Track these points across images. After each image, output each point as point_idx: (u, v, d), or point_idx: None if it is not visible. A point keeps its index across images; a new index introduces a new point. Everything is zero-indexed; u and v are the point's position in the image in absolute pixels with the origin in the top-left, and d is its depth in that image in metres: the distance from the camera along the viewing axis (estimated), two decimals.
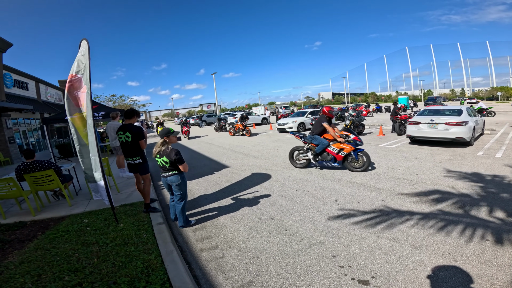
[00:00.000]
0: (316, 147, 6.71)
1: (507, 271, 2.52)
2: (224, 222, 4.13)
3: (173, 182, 3.83)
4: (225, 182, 6.36)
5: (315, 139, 6.70)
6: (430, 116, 9.19)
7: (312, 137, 6.78)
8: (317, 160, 6.77)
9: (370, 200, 4.56)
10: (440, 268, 2.63)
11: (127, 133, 4.38)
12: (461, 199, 4.35)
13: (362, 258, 2.89)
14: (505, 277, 2.44)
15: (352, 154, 6.42)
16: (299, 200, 4.83)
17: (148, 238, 3.57)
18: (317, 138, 6.68)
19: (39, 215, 4.80)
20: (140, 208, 4.64)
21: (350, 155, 6.44)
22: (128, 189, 6.08)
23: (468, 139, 8.30)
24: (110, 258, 3.08)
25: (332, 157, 6.54)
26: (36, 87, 18.59)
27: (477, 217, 3.66)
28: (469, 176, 5.48)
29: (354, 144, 6.37)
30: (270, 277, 2.68)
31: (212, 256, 3.18)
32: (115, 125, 6.85)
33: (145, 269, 2.84)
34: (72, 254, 3.25)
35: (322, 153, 6.68)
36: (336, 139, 6.44)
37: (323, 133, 6.76)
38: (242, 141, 14.05)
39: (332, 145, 6.52)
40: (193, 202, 5.16)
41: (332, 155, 6.52)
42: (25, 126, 16.12)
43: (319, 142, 6.61)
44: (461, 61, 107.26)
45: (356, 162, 6.41)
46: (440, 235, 3.26)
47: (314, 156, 6.80)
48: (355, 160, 6.41)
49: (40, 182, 4.98)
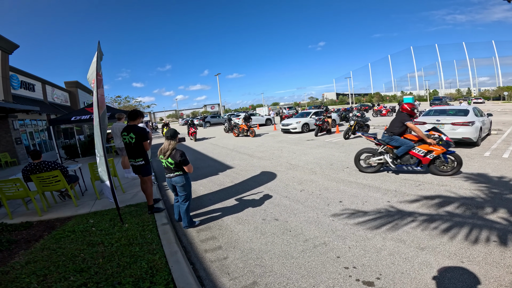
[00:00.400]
0: (395, 148, 6.07)
1: None
2: (228, 222, 4.13)
3: (177, 183, 3.85)
4: (229, 183, 6.37)
5: (395, 140, 6.03)
6: (436, 116, 9.09)
7: (390, 137, 6.10)
8: (396, 164, 6.13)
9: (375, 201, 4.52)
10: (446, 269, 2.60)
11: (131, 134, 4.39)
12: (468, 200, 4.29)
13: (367, 259, 2.86)
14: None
15: (442, 157, 5.71)
16: (303, 201, 4.81)
17: (153, 238, 3.58)
18: (398, 139, 6.01)
19: (46, 215, 4.86)
20: (145, 209, 4.66)
21: (439, 157, 5.74)
22: (133, 190, 6.12)
23: (475, 140, 8.19)
24: (115, 259, 3.10)
25: (416, 160, 5.91)
26: (43, 89, 18.85)
27: (484, 218, 3.61)
28: (476, 177, 5.41)
29: (446, 145, 5.64)
30: (274, 278, 2.67)
31: (216, 257, 3.19)
32: (120, 126, 6.91)
33: (150, 269, 2.85)
34: (77, 254, 3.27)
35: (405, 155, 6.03)
36: (425, 140, 5.74)
37: (403, 133, 6.12)
38: (246, 142, 14.06)
39: (417, 146, 5.87)
40: (197, 203, 5.17)
41: (418, 158, 5.81)
42: (32, 127, 16.34)
43: (402, 143, 5.95)
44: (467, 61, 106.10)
45: (445, 166, 5.74)
46: (446, 236, 3.22)
47: (393, 159, 6.11)
48: (445, 163, 5.73)
49: (47, 183, 5.03)
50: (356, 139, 11.85)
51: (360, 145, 10.31)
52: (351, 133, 12.30)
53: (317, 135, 14.08)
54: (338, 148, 9.92)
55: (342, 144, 10.91)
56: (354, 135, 12.70)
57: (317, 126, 14.28)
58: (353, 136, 12.69)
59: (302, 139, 13.46)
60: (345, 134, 12.15)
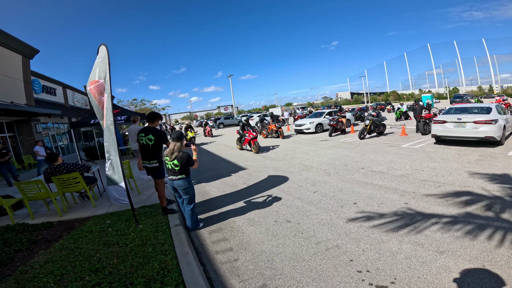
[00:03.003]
0: None
1: None
2: (240, 224, 4.12)
3: (180, 186, 3.89)
4: (241, 184, 6.37)
5: None
6: (457, 115, 8.70)
7: None
8: None
9: (392, 203, 4.38)
10: (466, 273, 2.47)
11: (150, 136, 4.38)
12: (491, 201, 4.07)
13: (381, 263, 2.77)
14: None
15: None
16: (316, 202, 4.73)
17: (166, 239, 3.63)
18: None
19: (66, 216, 5.03)
20: (159, 210, 4.73)
21: None
22: (148, 191, 6.24)
23: (499, 138, 7.79)
24: (128, 259, 3.15)
25: None
26: (64, 93, 19.63)
27: (508, 221, 3.41)
28: (500, 178, 5.13)
29: None
30: (284, 281, 2.63)
31: (226, 259, 3.18)
32: (136, 128, 7.07)
33: (161, 270, 2.88)
34: (94, 254, 3.36)
35: None
36: None
37: None
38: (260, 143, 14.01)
39: None
40: (210, 204, 5.20)
41: None
42: (54, 130, 17.05)
43: None
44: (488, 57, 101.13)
45: None
46: (467, 239, 3.06)
47: None
48: None
49: (67, 184, 5.21)
50: (371, 139, 11.57)
51: (376, 145, 10.06)
52: (366, 133, 12.02)
53: (331, 135, 13.86)
54: (353, 149, 9.71)
55: (357, 144, 10.68)
56: (369, 135, 12.40)
57: (331, 126, 14.05)
58: (369, 136, 12.40)
59: (315, 139, 13.29)
60: (360, 134, 11.89)
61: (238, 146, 12.27)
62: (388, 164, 6.98)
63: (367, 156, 8.24)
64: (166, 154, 3.89)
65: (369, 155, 8.39)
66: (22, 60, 13.45)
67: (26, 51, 13.63)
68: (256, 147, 10.76)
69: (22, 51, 13.31)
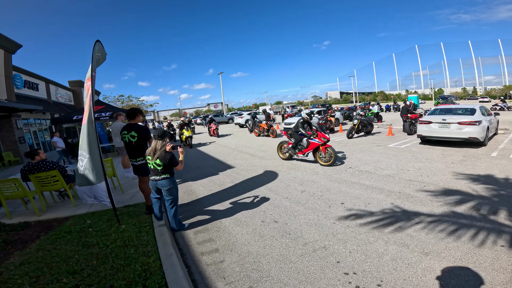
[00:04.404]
0: None
1: None
2: (226, 224, 4.04)
3: (163, 186, 3.70)
4: (229, 183, 6.28)
5: None
6: (442, 116, 8.88)
7: None
8: None
9: (378, 203, 4.40)
10: (451, 275, 2.48)
11: (132, 133, 4.27)
12: (475, 202, 4.15)
13: (368, 264, 2.75)
14: None
15: None
16: (304, 202, 4.70)
17: (149, 240, 3.51)
18: None
19: (44, 215, 4.82)
20: (143, 209, 4.60)
21: None
22: (132, 190, 6.06)
23: (482, 139, 8.00)
24: (109, 260, 3.03)
25: None
26: (46, 88, 18.92)
27: (492, 221, 3.47)
28: (483, 178, 5.25)
29: None
30: (270, 284, 2.58)
31: (212, 260, 3.10)
32: (120, 125, 6.85)
33: (143, 272, 2.78)
34: (72, 255, 3.22)
35: None
36: None
37: None
38: (248, 141, 13.97)
39: None
40: (196, 204, 5.10)
41: None
42: (36, 126, 16.42)
43: None
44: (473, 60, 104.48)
45: None
46: (451, 240, 3.09)
47: None
48: None
49: (45, 183, 4.99)
50: (359, 139, 11.68)
51: (363, 144, 10.16)
52: (354, 132, 12.13)
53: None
54: (341, 148, 9.76)
55: (345, 143, 10.76)
56: (357, 134, 12.52)
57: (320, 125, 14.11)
58: (357, 135, 12.52)
59: None
60: (348, 133, 11.99)
61: (282, 155, 8.44)
62: (375, 163, 7.04)
63: (354, 155, 8.30)
64: (148, 153, 3.71)
65: (356, 154, 8.45)
66: (4, 54, 12.92)
67: (9, 45, 13.12)
68: (327, 157, 7.15)
69: (4, 45, 12.81)
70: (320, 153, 7.27)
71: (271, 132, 14.78)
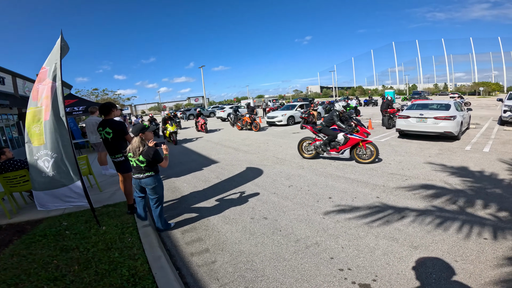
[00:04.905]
0: None
1: (508, 270, 2.46)
2: (214, 222, 3.93)
3: (148, 184, 3.50)
4: (214, 179, 6.15)
5: None
6: (419, 110, 9.22)
7: None
8: None
9: (365, 197, 4.47)
10: (442, 269, 2.55)
11: (107, 129, 4.10)
12: (455, 195, 4.32)
13: (361, 259, 2.77)
14: (506, 276, 2.38)
15: None
16: (292, 197, 4.69)
17: (133, 242, 3.34)
18: None
19: (15, 218, 4.47)
20: (125, 209, 4.38)
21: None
22: (111, 188, 5.77)
23: (456, 133, 8.39)
24: (92, 266, 2.85)
25: None
26: (13, 82, 17.56)
27: (473, 214, 3.62)
28: (460, 171, 5.49)
29: None
30: (266, 283, 2.52)
31: (203, 261, 2.99)
32: (94, 120, 6.46)
33: (131, 277, 2.63)
34: (50, 261, 3.00)
35: None
36: None
37: None
38: (231, 135, 13.81)
39: None
40: (181, 201, 4.93)
41: None
42: (3, 122, 15.24)
43: None
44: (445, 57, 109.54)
45: None
46: (438, 234, 3.19)
47: None
48: None
49: (14, 183, 4.63)
50: None
51: None
52: None
53: (302, 127, 14.04)
54: None
55: None
56: None
57: (303, 119, 14.25)
58: None
59: (288, 132, 13.38)
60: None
61: (306, 153, 7.50)
62: None
63: None
64: (128, 151, 3.48)
65: None
66: None
67: None
68: (368, 153, 6.56)
69: None
70: (360, 149, 6.61)
71: (254, 125, 14.66)
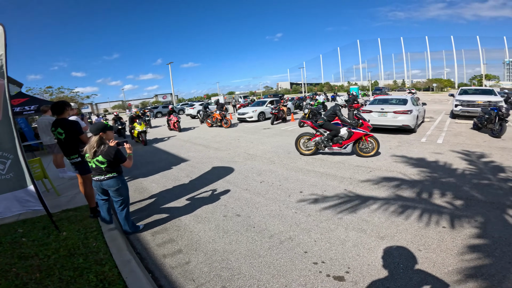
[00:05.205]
0: None
1: (467, 258, 2.66)
2: (186, 222, 3.83)
3: (110, 186, 3.28)
4: (184, 178, 5.99)
5: None
6: (380, 105, 9.81)
7: None
8: None
9: (334, 189, 4.64)
10: (408, 258, 2.70)
11: (59, 129, 3.86)
12: (414, 185, 4.64)
13: (333, 252, 2.87)
14: (467, 264, 2.59)
15: None
16: (264, 193, 4.72)
17: (99, 247, 3.15)
18: None
19: None
20: (87, 213, 4.10)
21: None
22: (71, 191, 5.36)
23: (413, 126, 9.05)
24: (55, 273, 2.67)
25: None
26: None
27: (431, 203, 3.92)
28: (418, 162, 5.92)
29: None
30: (243, 281, 2.52)
31: (177, 262, 2.90)
32: (47, 120, 5.92)
33: (100, 283, 2.49)
34: (9, 269, 2.77)
35: None
36: None
37: None
38: (201, 132, 13.54)
39: None
40: (150, 202, 4.74)
41: None
42: None
43: None
44: (403, 55, 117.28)
45: None
46: (401, 223, 3.39)
47: None
48: None
49: None
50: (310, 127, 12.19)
51: None
52: None
53: (273, 123, 14.19)
54: (294, 136, 10.02)
55: (298, 132, 11.09)
56: None
57: (273, 114, 14.38)
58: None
59: (258, 128, 13.43)
60: (300, 122, 12.42)
61: (305, 150, 7.21)
62: None
63: None
64: (85, 151, 3.23)
65: None
66: None
67: None
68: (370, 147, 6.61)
69: None
70: (363, 143, 6.64)
71: (225, 122, 14.48)
